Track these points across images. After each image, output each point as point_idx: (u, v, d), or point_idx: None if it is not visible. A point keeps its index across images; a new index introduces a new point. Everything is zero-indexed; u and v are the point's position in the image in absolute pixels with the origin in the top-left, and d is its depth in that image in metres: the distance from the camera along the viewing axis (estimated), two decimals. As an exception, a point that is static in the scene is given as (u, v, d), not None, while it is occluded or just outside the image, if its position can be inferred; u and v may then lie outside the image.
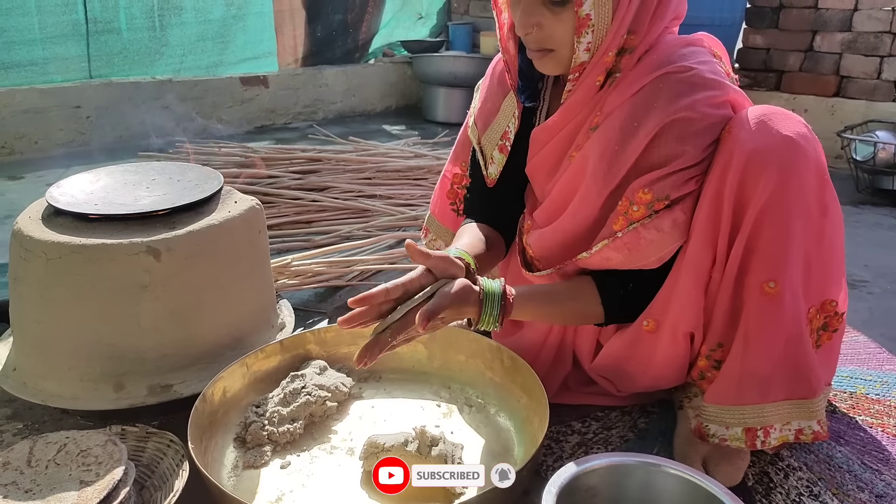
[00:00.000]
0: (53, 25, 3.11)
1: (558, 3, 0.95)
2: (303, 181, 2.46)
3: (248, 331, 1.26)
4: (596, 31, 0.95)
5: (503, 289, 0.99)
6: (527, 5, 0.96)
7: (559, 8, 0.95)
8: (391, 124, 4.08)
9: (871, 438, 1.18)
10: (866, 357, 1.45)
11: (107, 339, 1.11)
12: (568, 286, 1.08)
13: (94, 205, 1.17)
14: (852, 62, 3.18)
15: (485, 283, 0.98)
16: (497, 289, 0.98)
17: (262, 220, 1.29)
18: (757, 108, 0.97)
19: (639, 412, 1.23)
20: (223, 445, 1.07)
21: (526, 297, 1.02)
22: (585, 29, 0.95)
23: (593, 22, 0.94)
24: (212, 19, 3.63)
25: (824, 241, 0.99)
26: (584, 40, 0.96)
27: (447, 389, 1.23)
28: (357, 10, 4.33)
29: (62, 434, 0.97)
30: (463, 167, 1.29)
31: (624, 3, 0.94)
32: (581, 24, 0.94)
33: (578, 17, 0.94)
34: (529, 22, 0.97)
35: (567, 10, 0.95)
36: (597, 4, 0.93)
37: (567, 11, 0.95)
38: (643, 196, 0.97)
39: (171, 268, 1.11)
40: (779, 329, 0.97)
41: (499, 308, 0.97)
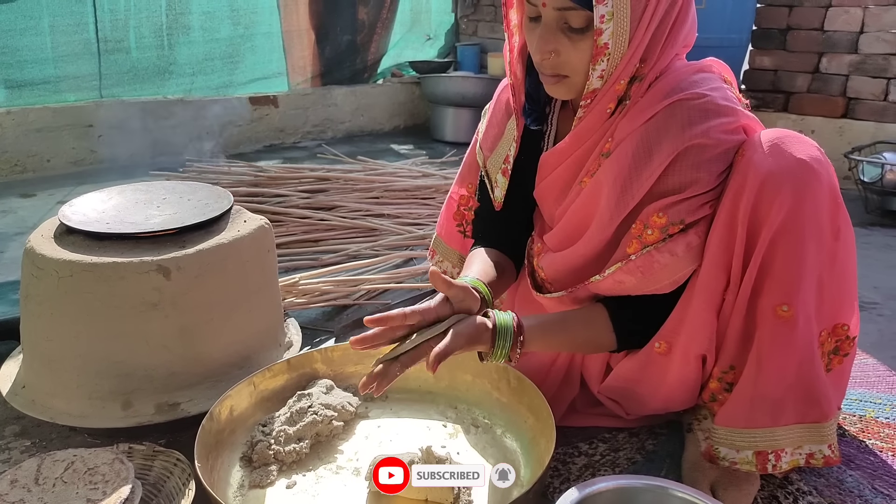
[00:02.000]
0: (65, 45, 3.16)
1: (578, 30, 0.95)
2: (311, 200, 2.48)
3: (256, 349, 1.26)
4: (611, 59, 0.96)
5: (515, 325, 0.99)
6: (545, 31, 0.97)
7: (578, 36, 0.95)
8: (399, 144, 4.10)
9: (882, 463, 1.16)
10: (876, 380, 1.44)
11: (116, 356, 1.12)
12: (579, 315, 1.08)
13: (106, 223, 1.18)
14: (860, 84, 3.19)
15: (498, 318, 0.98)
16: (510, 325, 0.98)
17: (270, 239, 1.30)
18: (770, 131, 0.97)
19: (647, 434, 1.23)
20: (229, 464, 1.07)
21: (538, 331, 1.02)
22: (602, 57, 0.95)
23: (610, 51, 0.94)
24: (219, 38, 3.68)
25: (836, 264, 0.98)
26: (598, 68, 0.96)
27: (454, 409, 1.23)
28: (366, 31, 4.37)
29: (70, 452, 0.98)
30: (470, 189, 1.30)
31: (640, 33, 0.95)
32: (598, 53, 0.95)
33: (596, 46, 0.94)
34: (547, 48, 0.97)
35: (586, 38, 0.95)
36: (615, 34, 0.93)
37: (586, 40, 0.95)
38: (657, 220, 0.97)
39: (180, 286, 1.12)
40: (791, 352, 0.96)
41: (510, 344, 0.98)
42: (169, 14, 3.45)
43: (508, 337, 0.97)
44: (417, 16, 4.72)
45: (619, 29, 0.93)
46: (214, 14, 3.63)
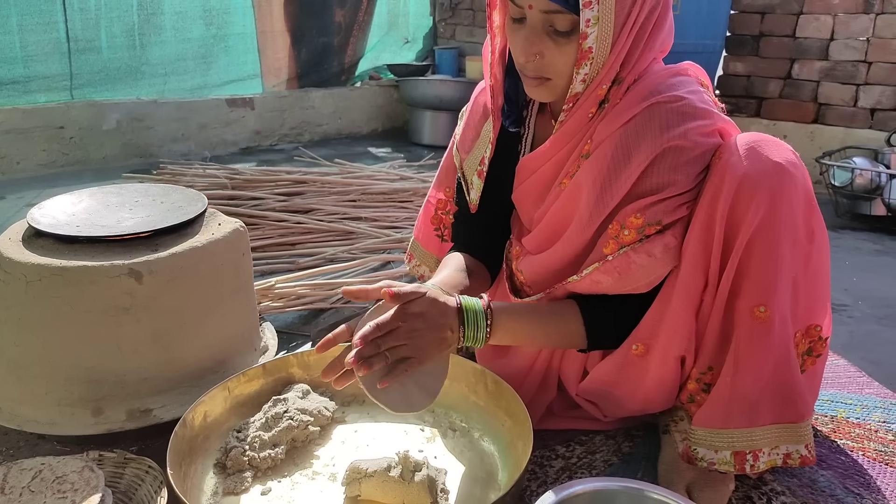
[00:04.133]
0: (35, 44, 3.10)
1: (564, 34, 0.95)
2: (287, 203, 2.46)
3: (231, 354, 1.25)
4: (594, 63, 0.96)
5: (485, 306, 1.00)
6: (530, 33, 0.97)
7: (564, 39, 0.95)
8: (377, 147, 4.09)
9: (853, 462, 1.18)
10: (847, 381, 1.47)
11: (86, 362, 1.09)
12: (550, 307, 1.09)
13: (76, 226, 1.16)
14: (830, 90, 3.25)
15: (464, 301, 0.99)
16: (478, 306, 0.99)
17: (245, 243, 1.29)
18: (746, 135, 0.98)
19: (623, 436, 1.23)
20: (203, 471, 1.05)
21: (506, 315, 1.02)
22: (586, 61, 0.96)
23: (594, 55, 0.95)
24: (191, 38, 3.64)
25: (811, 265, 1.00)
26: (582, 71, 0.97)
27: (431, 413, 1.22)
28: (342, 34, 4.36)
29: (37, 460, 0.95)
30: (447, 193, 1.30)
31: (622, 38, 0.95)
32: (583, 56, 0.95)
33: (581, 50, 0.95)
34: (532, 50, 0.97)
35: (571, 42, 0.95)
36: (599, 38, 0.94)
37: (571, 43, 0.95)
38: (635, 221, 0.98)
39: (153, 290, 1.10)
40: (768, 353, 0.97)
41: (483, 320, 0.98)
42: (140, 14, 3.41)
43: (480, 316, 0.98)
44: (395, 19, 4.71)
45: (603, 33, 0.93)
46: (186, 14, 3.59)
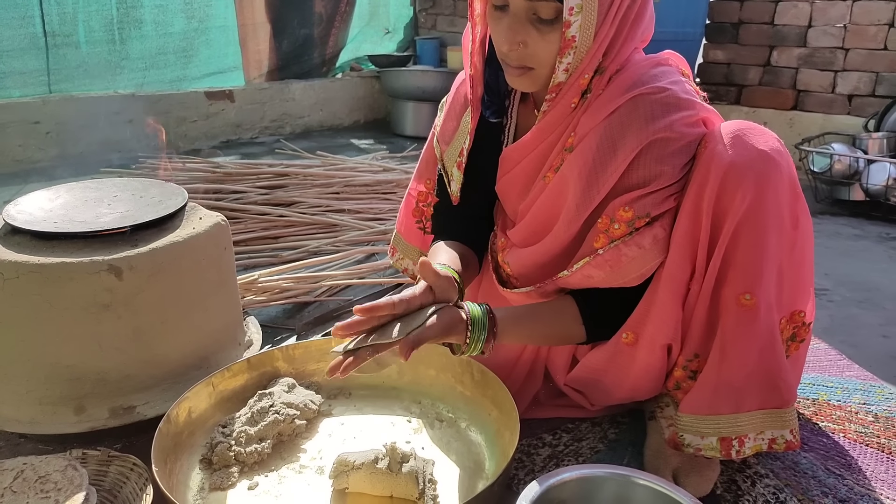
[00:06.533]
0: (10, 39, 3.05)
1: (547, 22, 0.94)
2: (270, 196, 2.44)
3: (214, 349, 1.24)
4: (577, 52, 0.96)
5: (489, 317, 1.00)
6: (514, 21, 0.96)
7: (547, 27, 0.95)
8: (359, 138, 4.07)
9: (834, 444, 1.20)
10: (827, 364, 1.49)
11: (66, 360, 1.08)
12: (549, 307, 1.08)
13: (54, 222, 1.14)
14: (809, 76, 3.28)
15: (472, 310, 0.99)
16: (484, 317, 0.99)
17: (227, 237, 1.28)
18: (731, 123, 0.99)
19: (609, 423, 1.24)
20: (189, 467, 1.04)
21: (510, 322, 1.02)
22: (569, 50, 0.95)
23: (577, 44, 0.95)
24: (173, 32, 3.59)
25: (795, 252, 1.01)
26: (565, 61, 0.96)
27: (417, 405, 1.22)
28: (324, 25, 4.32)
29: (19, 460, 0.94)
30: (428, 185, 1.29)
31: (605, 27, 0.95)
32: (566, 45, 0.95)
33: (564, 38, 0.94)
34: (515, 39, 0.96)
35: (554, 30, 0.95)
36: (582, 27, 0.93)
37: (554, 32, 0.95)
38: (624, 214, 0.98)
39: (133, 286, 1.09)
40: (754, 340, 0.98)
41: (486, 335, 0.98)
42: (119, 7, 3.36)
43: (483, 329, 0.98)
44: (376, 9, 4.68)
45: (586, 22, 0.93)
46: (167, 7, 3.54)
